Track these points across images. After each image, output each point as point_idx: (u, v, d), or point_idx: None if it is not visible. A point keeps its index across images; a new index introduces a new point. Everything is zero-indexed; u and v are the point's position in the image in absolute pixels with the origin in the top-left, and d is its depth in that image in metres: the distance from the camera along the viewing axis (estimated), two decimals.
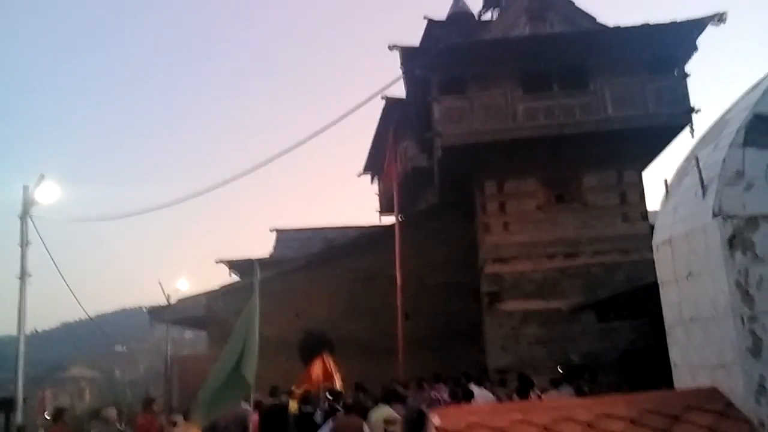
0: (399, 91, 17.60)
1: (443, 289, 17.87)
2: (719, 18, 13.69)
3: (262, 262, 17.94)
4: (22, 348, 13.19)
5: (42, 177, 13.79)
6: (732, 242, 3.61)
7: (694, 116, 14.25)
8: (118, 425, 9.38)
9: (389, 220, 20.37)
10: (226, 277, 21.20)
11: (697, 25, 14.15)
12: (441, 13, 21.17)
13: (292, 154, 11.17)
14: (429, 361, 15.90)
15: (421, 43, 19.56)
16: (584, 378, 11.68)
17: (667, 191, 4.53)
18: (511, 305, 14.61)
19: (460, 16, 21.07)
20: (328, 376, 11.92)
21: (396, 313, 16.31)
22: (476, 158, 15.21)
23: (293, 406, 10.25)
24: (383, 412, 8.33)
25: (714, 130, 4.38)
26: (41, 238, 13.69)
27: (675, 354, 4.26)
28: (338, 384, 11.79)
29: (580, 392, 8.91)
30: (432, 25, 20.20)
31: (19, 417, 12.88)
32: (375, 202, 26.11)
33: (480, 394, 9.98)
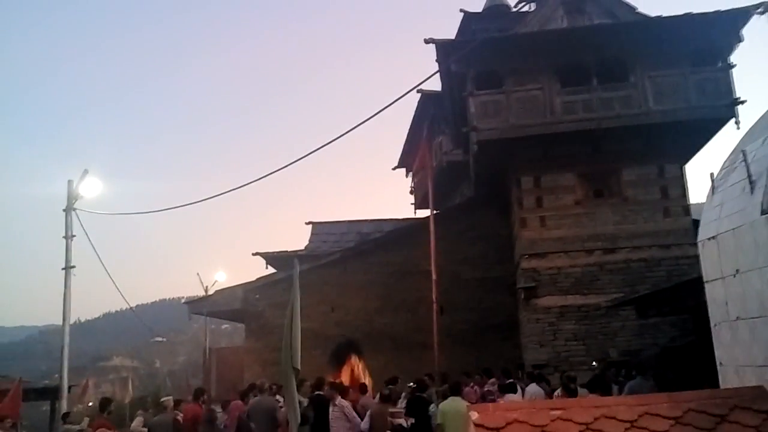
0: (434, 85, 17.51)
1: (478, 283, 17.79)
2: (765, 8, 13.24)
3: (297, 256, 18.18)
4: (66, 338, 13.56)
5: (86, 172, 14.14)
6: None
7: (739, 108, 13.86)
8: (176, 413, 9.76)
9: (424, 214, 20.31)
10: (262, 270, 21.43)
11: (742, 15, 13.72)
12: (477, 5, 21.00)
13: (328, 148, 11.22)
14: (464, 355, 15.88)
15: (457, 36, 19.43)
16: (621, 375, 11.57)
17: (713, 186, 4.43)
18: (548, 301, 14.45)
19: (496, 8, 20.87)
20: (355, 381, 12.10)
21: (431, 307, 16.29)
22: (512, 153, 15.05)
23: None
24: (458, 405, 8.21)
25: (762, 124, 4.27)
26: (85, 231, 14.05)
27: (721, 353, 4.17)
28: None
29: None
30: (468, 17, 20.03)
31: (64, 405, 13.27)
32: (410, 196, 26.09)
33: (534, 390, 10.03)
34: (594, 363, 13.27)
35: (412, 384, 10.80)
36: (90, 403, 19.16)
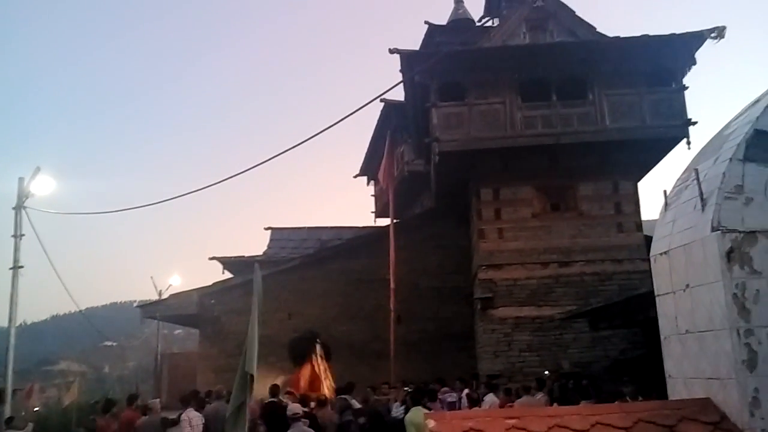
0: (398, 95, 17.62)
1: (436, 293, 17.88)
2: (718, 33, 13.75)
3: (256, 261, 17.98)
4: (12, 340, 13.12)
5: (38, 169, 13.76)
6: (730, 256, 3.65)
7: (691, 128, 14.33)
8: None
9: (385, 222, 20.34)
10: (219, 275, 21.09)
11: (696, 39, 14.21)
12: (442, 18, 21.21)
13: (289, 154, 11.17)
14: (420, 365, 15.92)
15: (422, 47, 19.61)
16: (570, 385, 11.79)
17: (665, 203, 4.56)
18: (504, 312, 14.63)
19: (460, 22, 21.14)
20: (315, 379, 11.87)
21: (388, 316, 16.27)
22: (473, 165, 15.24)
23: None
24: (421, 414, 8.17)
25: (714, 144, 4.42)
26: (35, 230, 13.66)
27: (670, 365, 4.28)
28: (327, 389, 11.72)
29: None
30: (432, 30, 20.24)
31: (7, 409, 12.82)
32: (370, 205, 26.11)
33: (491, 399, 10.14)
34: (546, 372, 13.48)
35: (407, 388, 10.75)
36: (36, 408, 18.50)
